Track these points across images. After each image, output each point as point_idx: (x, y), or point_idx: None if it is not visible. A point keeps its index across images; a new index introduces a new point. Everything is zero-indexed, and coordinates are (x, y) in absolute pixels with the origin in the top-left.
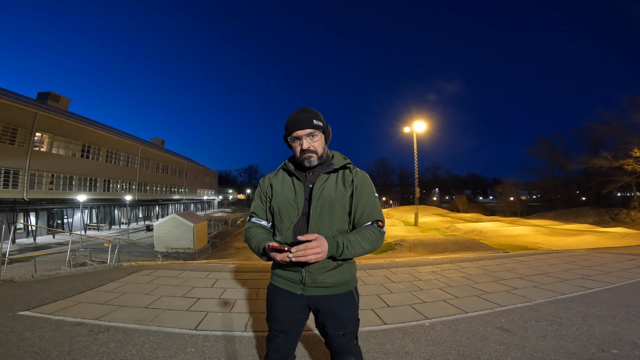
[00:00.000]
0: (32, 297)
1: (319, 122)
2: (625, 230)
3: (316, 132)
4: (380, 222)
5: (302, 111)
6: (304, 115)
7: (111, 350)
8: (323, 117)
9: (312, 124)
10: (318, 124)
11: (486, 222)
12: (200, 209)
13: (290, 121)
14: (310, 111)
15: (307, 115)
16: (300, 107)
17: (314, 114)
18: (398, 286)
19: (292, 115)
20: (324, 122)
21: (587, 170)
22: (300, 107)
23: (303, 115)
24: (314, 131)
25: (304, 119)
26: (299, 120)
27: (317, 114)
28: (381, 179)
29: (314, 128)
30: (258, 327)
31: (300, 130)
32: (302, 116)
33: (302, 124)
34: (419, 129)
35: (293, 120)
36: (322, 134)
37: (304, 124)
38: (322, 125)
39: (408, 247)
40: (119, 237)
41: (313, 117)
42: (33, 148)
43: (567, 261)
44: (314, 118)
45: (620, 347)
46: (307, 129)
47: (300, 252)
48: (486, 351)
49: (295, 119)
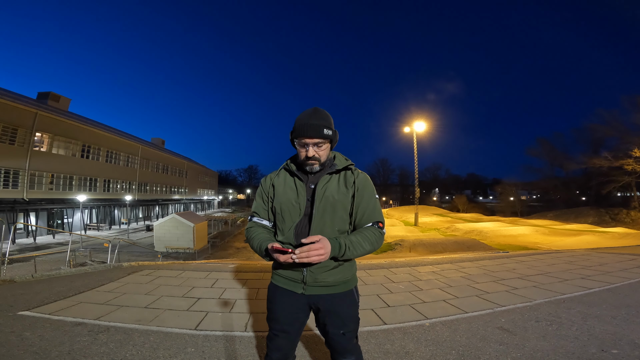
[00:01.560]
0: (32, 297)
1: (328, 131)
2: (625, 230)
3: (324, 141)
4: (381, 223)
5: (315, 116)
6: (315, 123)
7: (111, 350)
8: (333, 122)
9: (322, 133)
10: (327, 133)
11: (486, 222)
12: (200, 209)
13: (300, 125)
14: (322, 117)
15: (318, 124)
16: (312, 109)
17: (326, 121)
18: (398, 286)
19: (303, 117)
20: (333, 130)
21: (587, 170)
22: (312, 109)
23: (315, 122)
24: (321, 141)
25: (315, 128)
26: (310, 128)
27: (328, 121)
28: (381, 179)
29: (322, 138)
30: (258, 327)
31: (309, 138)
32: (314, 123)
33: (312, 132)
34: (419, 129)
35: (303, 126)
36: (329, 143)
37: (313, 133)
38: (331, 134)
39: (408, 247)
40: (119, 237)
41: (324, 126)
42: (33, 148)
43: (567, 261)
44: (325, 127)
45: (620, 347)
46: (316, 139)
47: (304, 254)
48: (486, 351)
49: (306, 125)
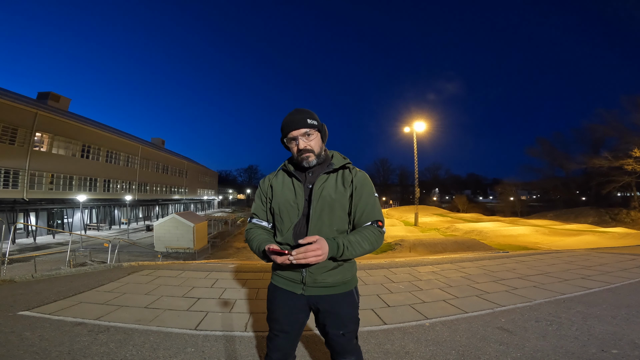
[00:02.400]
0: (32, 297)
1: (313, 121)
2: (625, 230)
3: (312, 131)
4: (380, 222)
5: (296, 112)
6: (298, 115)
7: (111, 350)
8: (318, 117)
9: (306, 123)
10: (313, 122)
11: (486, 222)
12: (200, 209)
13: (285, 123)
14: (303, 112)
15: (301, 116)
16: (293, 109)
17: (308, 113)
18: (398, 286)
19: (286, 117)
20: (319, 121)
21: (587, 170)
22: (293, 109)
23: (297, 116)
24: (309, 130)
25: (298, 119)
26: (293, 121)
27: (311, 114)
28: (381, 179)
29: (308, 127)
30: (258, 327)
31: (295, 130)
32: (296, 117)
33: (296, 124)
34: (419, 129)
35: (287, 122)
36: (317, 132)
37: (298, 124)
38: (317, 124)
39: (408, 247)
40: (119, 237)
41: (307, 117)
42: (33, 148)
43: (567, 261)
44: (308, 117)
45: (620, 347)
46: (302, 129)
47: (301, 255)
48: (486, 351)
49: (290, 120)
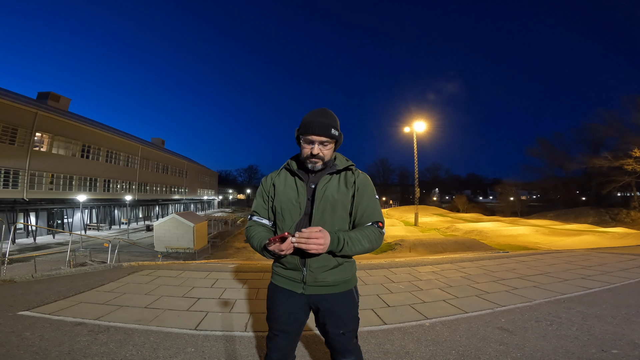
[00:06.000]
0: (32, 297)
1: (335, 131)
2: (625, 230)
3: (330, 141)
4: (380, 223)
5: (323, 115)
6: (324, 121)
7: (111, 350)
8: (339, 124)
9: (329, 133)
10: (334, 133)
11: (486, 222)
12: (200, 209)
13: (308, 122)
14: (329, 117)
15: (327, 122)
16: (321, 109)
17: (334, 120)
18: (398, 286)
19: (312, 115)
20: (339, 131)
21: (587, 170)
22: (321, 109)
23: (323, 120)
24: (328, 140)
25: (323, 126)
26: (318, 125)
27: (336, 122)
28: (381, 179)
29: (329, 137)
30: (258, 327)
31: (316, 135)
32: (322, 122)
33: (320, 129)
34: (419, 129)
35: (311, 123)
36: (334, 143)
37: (321, 131)
38: (337, 135)
39: (408, 247)
40: (119, 237)
41: (332, 126)
42: (33, 148)
43: (567, 261)
44: (333, 127)
45: (620, 347)
46: (323, 137)
47: (304, 239)
48: (486, 351)
49: (314, 122)
